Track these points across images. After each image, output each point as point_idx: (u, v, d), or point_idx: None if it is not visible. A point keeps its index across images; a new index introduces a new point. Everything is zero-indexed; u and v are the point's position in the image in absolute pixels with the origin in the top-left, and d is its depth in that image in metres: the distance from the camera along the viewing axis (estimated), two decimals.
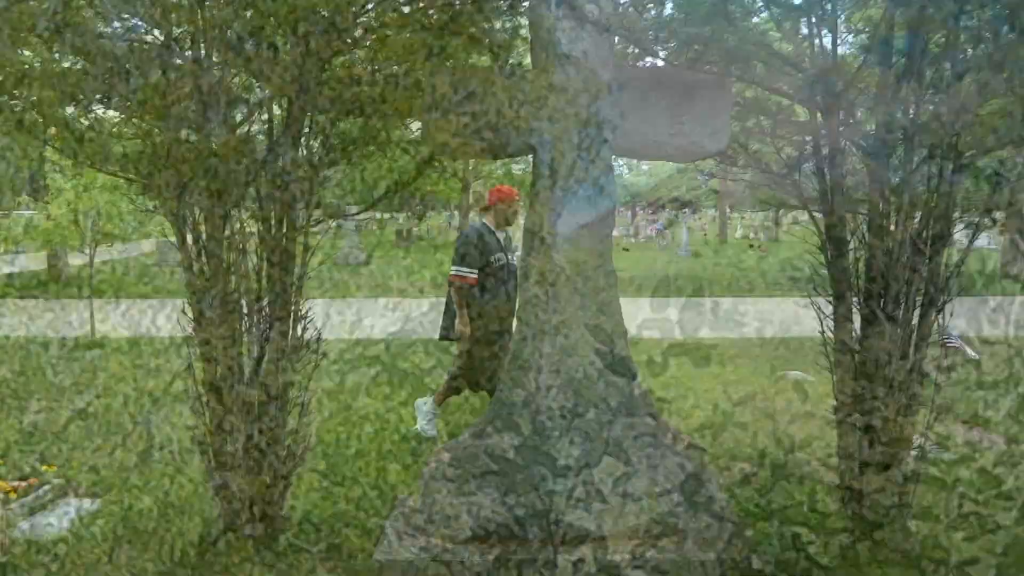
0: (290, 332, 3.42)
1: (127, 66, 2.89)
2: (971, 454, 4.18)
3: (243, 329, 3.35)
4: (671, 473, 3.32)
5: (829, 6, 3.24)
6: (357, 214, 4.34)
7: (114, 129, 3.39)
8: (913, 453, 3.52)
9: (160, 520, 3.77)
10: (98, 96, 3.07)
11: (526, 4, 3.46)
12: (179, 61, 3.04)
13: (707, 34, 2.93)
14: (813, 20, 3.31)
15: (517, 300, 5.06)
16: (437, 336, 5.85)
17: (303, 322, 3.47)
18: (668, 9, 3.26)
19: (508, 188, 5.70)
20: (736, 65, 3.35)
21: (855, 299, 3.55)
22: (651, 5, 3.31)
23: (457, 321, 5.26)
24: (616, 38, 3.41)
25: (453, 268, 5.28)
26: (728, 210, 38.63)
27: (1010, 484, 3.89)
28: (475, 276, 5.21)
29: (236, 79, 3.16)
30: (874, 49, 3.39)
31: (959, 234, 3.62)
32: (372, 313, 11.26)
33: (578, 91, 3.31)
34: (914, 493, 3.52)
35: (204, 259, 3.27)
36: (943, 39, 3.41)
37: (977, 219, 3.52)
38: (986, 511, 3.36)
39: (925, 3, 3.02)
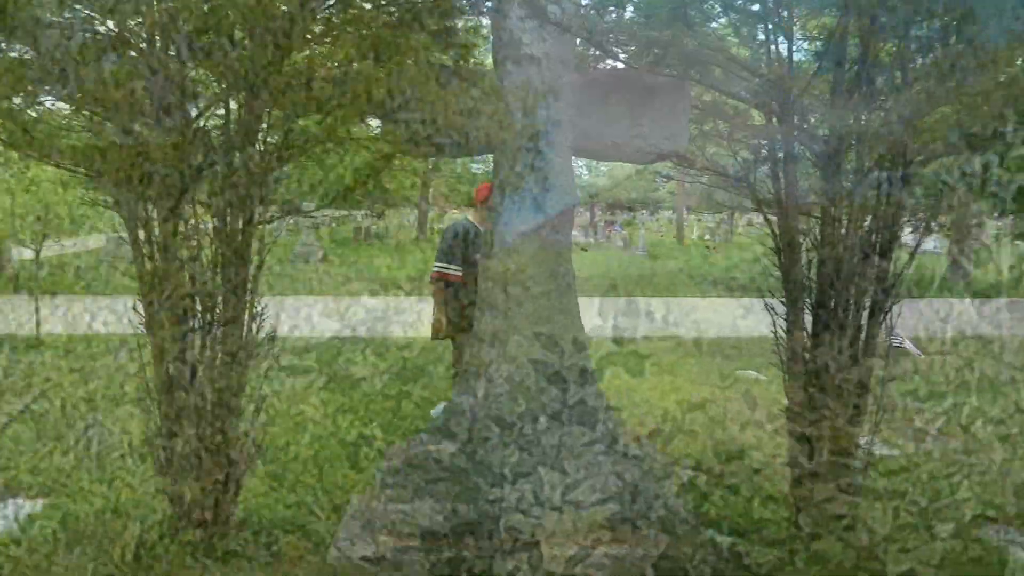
0: (244, 331, 3.37)
1: (78, 57, 2.81)
2: (913, 462, 4.32)
3: (195, 327, 3.28)
4: (615, 479, 3.34)
5: (785, 13, 3.30)
6: (314, 211, 4.29)
7: (63, 121, 3.30)
8: (856, 463, 3.60)
9: (104, 522, 3.67)
10: (47, 88, 2.98)
11: (488, 4, 3.47)
12: (132, 53, 2.97)
13: (667, 38, 2.97)
14: (769, 27, 3.37)
15: None
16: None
17: (258, 320, 3.41)
18: (629, 12, 3.29)
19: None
20: (694, 69, 3.39)
21: (807, 300, 3.63)
22: (612, 8, 3.34)
23: (432, 316, 5.17)
24: (577, 40, 3.43)
25: (436, 264, 5.18)
26: (685, 212, 39.12)
27: (947, 493, 4.03)
28: (459, 273, 5.10)
29: (191, 73, 3.10)
30: (827, 56, 3.47)
31: (908, 238, 3.72)
32: (326, 312, 11.13)
33: (539, 91, 3.32)
34: (859, 492, 3.61)
35: (156, 255, 3.20)
36: (894, 48, 3.51)
37: (924, 223, 3.62)
38: (924, 522, 3.48)
39: (877, 13, 3.10)
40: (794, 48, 3.39)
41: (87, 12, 2.80)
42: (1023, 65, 3.78)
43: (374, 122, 3.82)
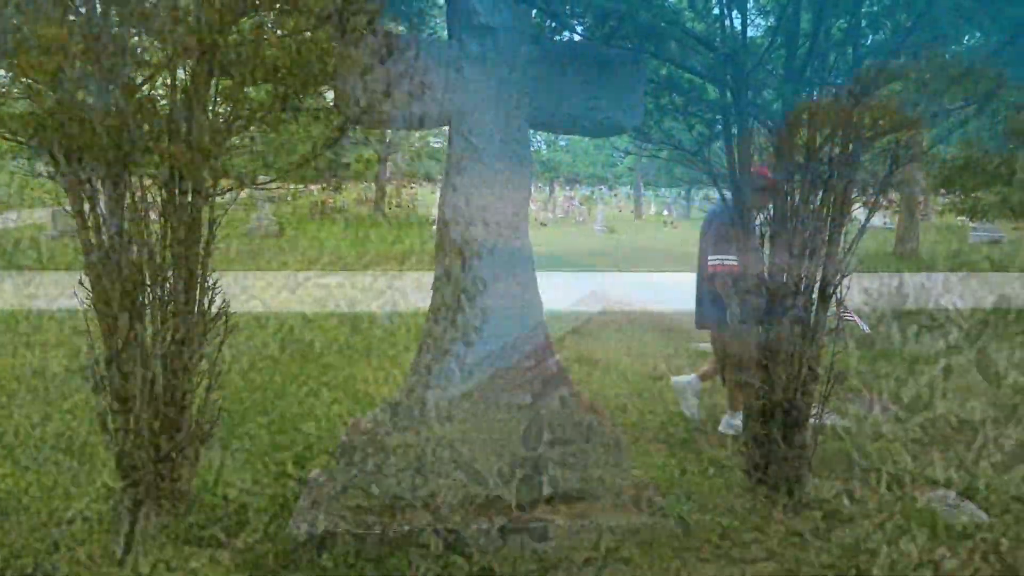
0: (196, 305, 3.30)
1: (15, 20, 2.70)
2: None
3: (145, 302, 3.21)
4: (581, 442, 3.39)
5: None
6: (268, 183, 4.21)
7: (1, 89, 3.17)
8: (812, 421, 3.71)
9: (49, 499, 3.60)
10: None
11: None
12: (73, 17, 2.86)
13: (623, 9, 2.95)
14: (724, 0, 3.38)
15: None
16: (694, 324, 5.23)
17: (210, 294, 3.35)
18: None
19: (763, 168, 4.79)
20: (650, 42, 3.39)
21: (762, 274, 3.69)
22: None
23: (729, 313, 4.59)
24: (533, 11, 3.41)
25: (714, 257, 4.71)
26: (642, 187, 39.39)
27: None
28: (736, 263, 4.39)
29: (136, 38, 2.99)
30: (781, 31, 3.50)
31: (857, 212, 3.80)
32: (282, 286, 10.99)
33: (495, 62, 3.29)
34: (810, 461, 3.72)
35: (103, 228, 3.11)
36: (845, 24, 3.55)
37: (873, 199, 3.70)
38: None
39: None
40: (748, 23, 3.41)
41: None
42: (970, 43, 3.86)
43: (328, 94, 3.74)
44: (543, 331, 3.46)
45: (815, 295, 3.59)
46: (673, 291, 10.88)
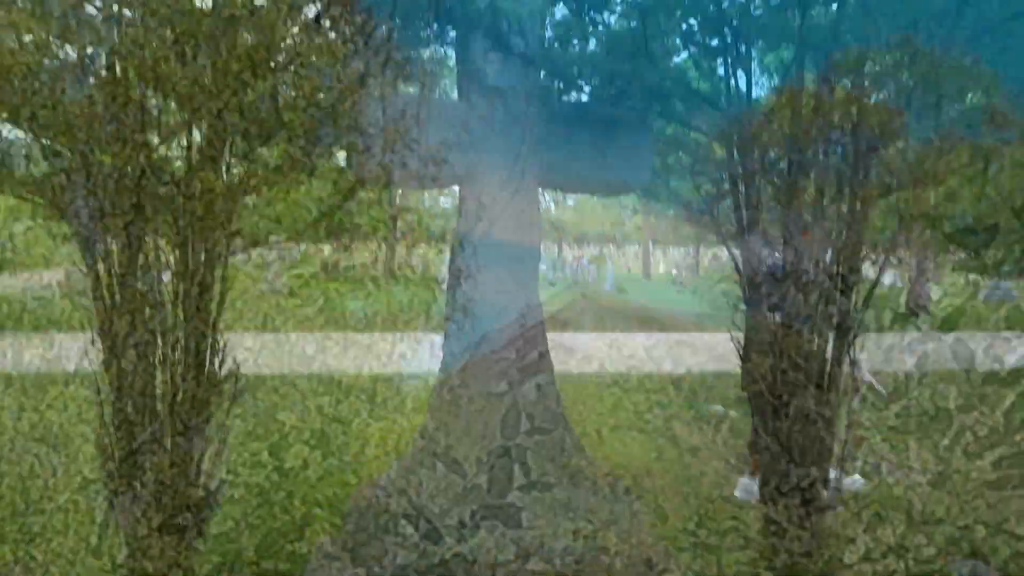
0: (207, 365, 3.28)
1: (38, 84, 2.76)
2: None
3: (156, 362, 3.19)
4: (597, 513, 3.32)
5: (743, 48, 3.38)
6: (281, 243, 4.23)
7: (23, 150, 3.23)
8: (831, 484, 3.60)
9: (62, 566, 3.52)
10: (4, 115, 2.92)
11: (453, 35, 3.50)
12: (93, 80, 2.93)
13: (629, 71, 3.01)
14: (728, 61, 3.45)
15: None
16: None
17: (220, 354, 3.33)
18: (592, 46, 3.34)
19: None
20: (657, 102, 3.45)
21: (772, 332, 3.65)
22: (575, 41, 3.39)
23: None
24: (541, 72, 3.47)
25: None
26: (651, 245, 39.43)
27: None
28: None
29: (153, 100, 3.06)
30: (786, 90, 3.55)
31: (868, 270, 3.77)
32: (292, 348, 10.94)
33: (504, 123, 3.35)
34: (830, 525, 3.61)
35: (115, 287, 3.11)
36: (848, 84, 3.60)
37: (883, 257, 3.68)
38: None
39: (832, 49, 3.19)
40: (753, 82, 3.47)
41: (47, 37, 2.76)
42: (972, 102, 3.90)
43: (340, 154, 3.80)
44: (553, 389, 3.43)
45: (828, 355, 3.54)
46: (683, 350, 10.80)
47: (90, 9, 2.70)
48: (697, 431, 5.97)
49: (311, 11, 2.98)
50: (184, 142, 3.09)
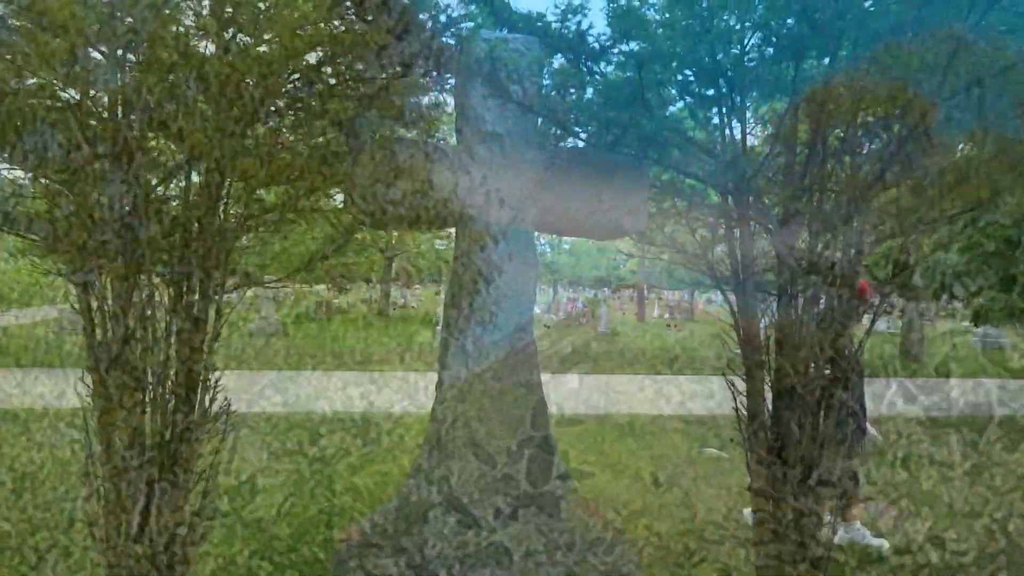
0: (197, 404, 3.26)
1: (38, 125, 2.79)
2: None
3: (146, 400, 3.17)
4: (590, 556, 3.27)
5: (738, 99, 3.43)
6: (274, 283, 4.24)
7: (19, 189, 3.25)
8: (825, 535, 3.57)
9: None
10: (3, 155, 2.94)
11: (451, 82, 3.55)
12: (93, 122, 2.96)
13: (626, 119, 3.05)
14: (723, 110, 3.50)
15: None
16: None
17: (211, 392, 3.32)
18: (589, 93, 3.39)
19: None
20: (652, 149, 3.49)
21: (767, 376, 3.65)
22: (572, 89, 3.44)
23: None
24: (539, 119, 3.52)
25: None
26: (646, 289, 39.63)
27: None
28: None
29: (153, 142, 3.09)
30: (779, 139, 3.60)
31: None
32: (278, 387, 10.90)
33: (501, 167, 3.38)
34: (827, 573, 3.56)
35: (108, 325, 3.11)
36: (842, 133, 3.65)
37: (879, 302, 3.70)
38: None
39: (825, 99, 3.24)
40: (748, 131, 3.51)
41: (47, 79, 2.79)
42: (965, 153, 3.96)
43: (337, 196, 3.83)
44: (549, 437, 3.40)
45: (823, 400, 3.53)
46: (678, 393, 10.77)
47: (94, 53, 2.74)
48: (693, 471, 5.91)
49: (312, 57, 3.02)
50: (183, 183, 3.12)
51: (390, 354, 14.68)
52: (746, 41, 3.20)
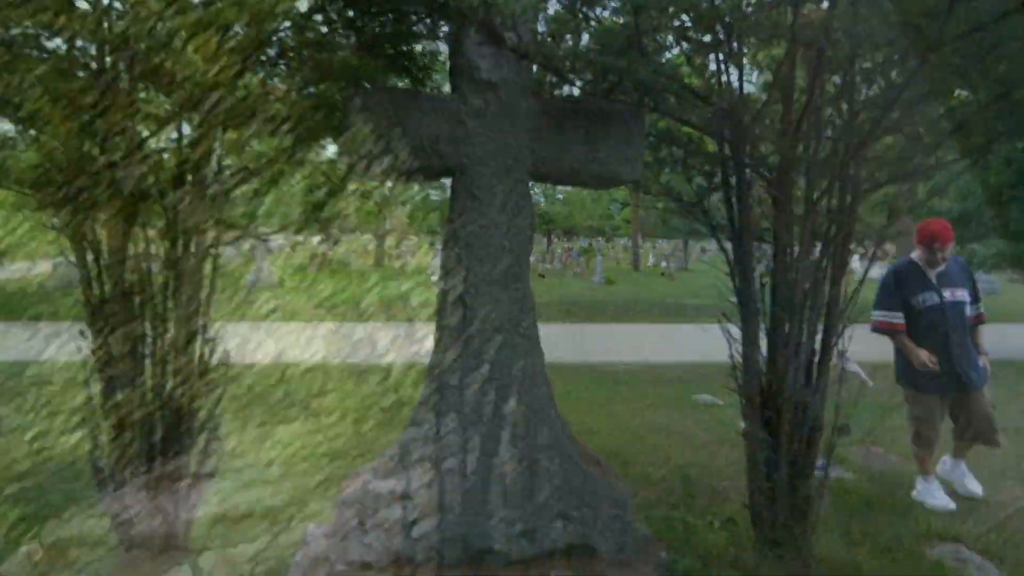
0: (196, 355, 3.29)
1: (26, 76, 2.74)
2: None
3: (145, 352, 3.20)
4: (585, 496, 3.35)
5: (735, 45, 3.38)
6: (270, 234, 4.23)
7: (9, 142, 3.21)
8: (817, 473, 3.66)
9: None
10: None
11: (445, 30, 3.49)
12: (81, 73, 2.91)
13: (622, 66, 3.01)
14: (720, 57, 3.45)
15: (955, 342, 4.70)
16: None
17: (210, 344, 3.34)
18: (585, 40, 3.34)
19: (937, 225, 4.77)
20: (649, 97, 3.45)
21: (762, 326, 3.68)
22: (568, 36, 3.38)
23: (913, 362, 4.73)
24: (534, 66, 3.47)
25: (875, 312, 4.85)
26: (640, 238, 39.62)
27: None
28: (901, 321, 4.77)
29: (143, 92, 3.05)
30: (777, 86, 3.56)
31: (857, 263, 3.82)
32: (283, 337, 10.96)
33: (497, 116, 3.35)
34: (816, 514, 3.65)
35: (104, 279, 3.12)
36: (839, 80, 3.62)
37: (873, 249, 3.72)
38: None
39: (823, 45, 3.20)
40: (744, 78, 3.47)
41: (35, 30, 2.74)
42: (961, 98, 3.93)
43: (330, 147, 3.79)
44: (545, 381, 3.44)
45: (817, 346, 3.58)
46: (672, 342, 10.85)
47: (80, 2, 2.68)
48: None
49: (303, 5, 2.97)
50: (174, 134, 3.09)
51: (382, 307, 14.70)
52: None
